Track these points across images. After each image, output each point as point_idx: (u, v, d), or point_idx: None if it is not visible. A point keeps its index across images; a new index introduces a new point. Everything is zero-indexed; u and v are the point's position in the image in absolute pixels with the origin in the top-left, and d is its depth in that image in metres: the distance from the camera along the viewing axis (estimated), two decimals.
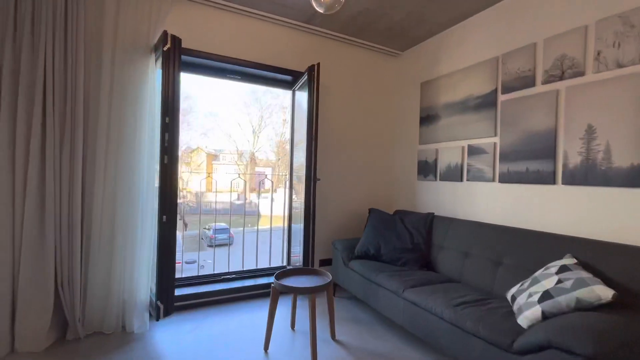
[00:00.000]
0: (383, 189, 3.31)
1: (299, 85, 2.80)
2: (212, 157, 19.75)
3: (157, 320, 1.96)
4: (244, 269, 2.89)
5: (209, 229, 12.49)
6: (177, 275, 2.58)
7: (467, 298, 1.74)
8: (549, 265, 1.61)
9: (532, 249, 1.87)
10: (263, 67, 2.66)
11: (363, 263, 2.41)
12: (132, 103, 2.02)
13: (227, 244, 11.77)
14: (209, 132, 18.56)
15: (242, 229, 3.06)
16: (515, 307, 1.56)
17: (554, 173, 1.96)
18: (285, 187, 3.02)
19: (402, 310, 1.93)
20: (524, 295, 1.55)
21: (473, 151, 2.47)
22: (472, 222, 2.33)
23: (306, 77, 2.45)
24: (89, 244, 1.95)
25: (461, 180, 2.58)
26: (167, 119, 1.92)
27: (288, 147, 2.93)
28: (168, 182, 1.94)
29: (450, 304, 1.67)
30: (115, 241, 1.99)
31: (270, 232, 3.19)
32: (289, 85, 2.96)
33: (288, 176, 3.00)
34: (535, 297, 1.46)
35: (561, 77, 1.93)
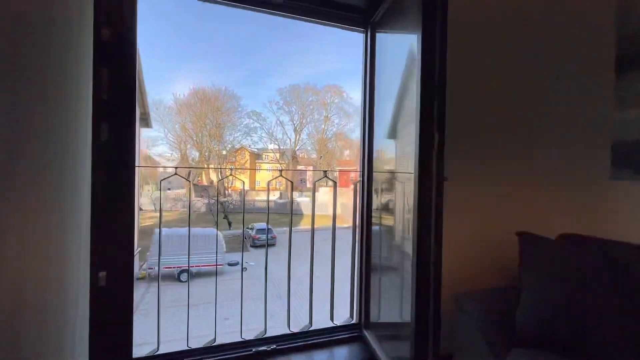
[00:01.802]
0: (530, 196, 1.84)
1: (383, 11, 1.54)
2: (255, 156, 19.75)
3: None
4: (291, 332, 1.72)
5: (252, 229, 11.93)
6: (179, 346, 1.48)
7: None
8: None
9: None
10: None
11: None
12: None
13: (271, 244, 11.02)
14: (252, 132, 18.75)
15: (285, 228, 1.83)
16: None
17: None
18: (357, 192, 1.79)
19: None
20: None
21: None
22: None
23: None
24: None
25: None
26: (103, 32, 0.79)
27: (330, 145, 1.68)
28: (115, 190, 0.81)
29: None
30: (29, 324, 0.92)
31: (333, 276, 1.92)
32: (359, 15, 1.70)
33: (361, 173, 1.76)
34: None
35: None
